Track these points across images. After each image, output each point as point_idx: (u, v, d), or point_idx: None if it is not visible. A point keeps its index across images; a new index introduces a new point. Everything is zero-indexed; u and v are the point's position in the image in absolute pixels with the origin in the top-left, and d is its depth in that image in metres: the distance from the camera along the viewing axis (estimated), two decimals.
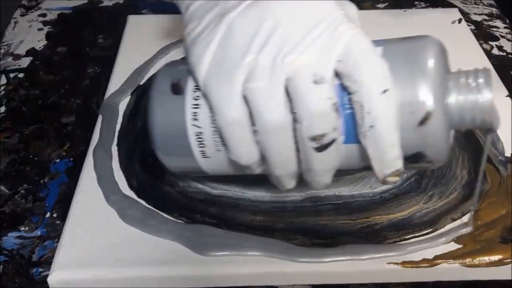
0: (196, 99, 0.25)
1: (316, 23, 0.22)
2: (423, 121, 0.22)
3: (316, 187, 0.25)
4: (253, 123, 0.23)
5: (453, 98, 0.23)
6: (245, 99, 0.22)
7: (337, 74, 0.22)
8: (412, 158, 0.23)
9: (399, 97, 0.22)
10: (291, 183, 0.25)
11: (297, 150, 0.23)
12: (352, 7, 0.25)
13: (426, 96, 0.22)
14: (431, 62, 0.23)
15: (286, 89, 0.22)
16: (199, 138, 0.25)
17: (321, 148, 0.22)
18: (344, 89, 0.23)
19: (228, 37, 0.23)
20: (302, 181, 0.25)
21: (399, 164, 0.23)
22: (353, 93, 0.22)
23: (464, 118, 0.23)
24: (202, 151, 0.25)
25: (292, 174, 0.24)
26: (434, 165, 0.24)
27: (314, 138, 0.22)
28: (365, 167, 0.24)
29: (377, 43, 0.24)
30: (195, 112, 0.25)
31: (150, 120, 0.26)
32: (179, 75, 0.25)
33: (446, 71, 0.24)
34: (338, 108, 0.22)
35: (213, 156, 0.25)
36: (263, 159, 0.24)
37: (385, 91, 0.22)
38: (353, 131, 0.23)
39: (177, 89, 0.25)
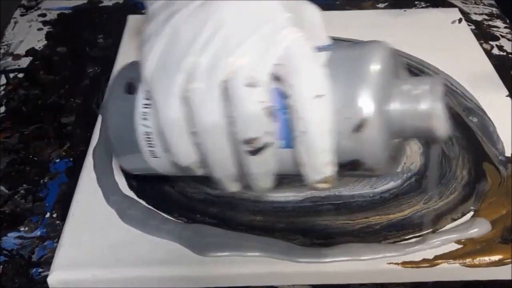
0: (147, 99, 0.24)
1: (259, 26, 0.22)
2: (359, 128, 0.22)
3: (257, 191, 0.25)
4: (192, 124, 0.23)
5: (394, 106, 0.23)
6: (186, 100, 0.22)
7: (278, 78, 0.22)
8: (349, 165, 0.23)
9: (338, 103, 0.22)
10: (233, 186, 0.25)
11: (236, 153, 0.23)
12: (312, 9, 0.25)
13: (362, 103, 0.22)
14: (372, 69, 0.22)
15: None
16: (148, 137, 0.25)
17: (254, 152, 0.22)
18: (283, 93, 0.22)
19: (174, 37, 0.23)
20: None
21: (329, 171, 0.22)
22: (288, 98, 0.22)
23: (404, 126, 0.23)
24: (151, 151, 0.25)
25: (232, 176, 0.24)
26: (374, 174, 0.24)
27: (247, 141, 0.22)
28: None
29: (326, 48, 0.24)
30: (145, 112, 0.25)
31: (105, 119, 0.26)
32: (135, 75, 0.25)
33: (392, 78, 0.23)
34: (272, 112, 0.22)
35: (162, 156, 0.25)
36: (203, 161, 0.24)
37: (319, 96, 0.21)
38: (291, 136, 0.22)
39: (131, 89, 0.25)
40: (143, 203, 0.32)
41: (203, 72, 0.22)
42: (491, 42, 0.46)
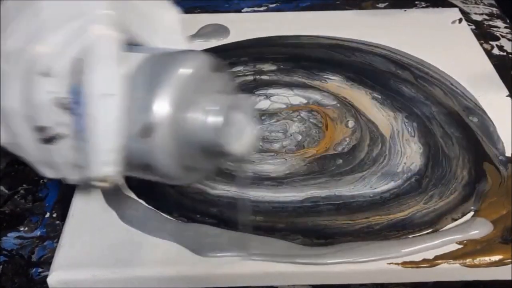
0: None
1: (73, 18, 0.22)
2: (148, 133, 0.22)
3: (69, 182, 0.25)
4: None
5: (189, 115, 0.23)
6: None
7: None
8: (143, 169, 0.23)
9: (132, 106, 0.22)
10: (47, 172, 0.25)
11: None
12: (168, 13, 0.26)
13: (154, 108, 0.22)
14: (172, 76, 0.22)
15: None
16: None
17: (46, 140, 0.23)
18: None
19: None
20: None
21: (109, 170, 0.22)
22: (81, 93, 0.22)
23: (195, 137, 0.23)
24: None
25: (41, 162, 0.24)
26: (172, 180, 0.24)
27: (39, 129, 0.22)
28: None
29: (145, 51, 0.24)
30: None
31: None
32: None
33: (201, 89, 0.23)
34: (64, 104, 0.22)
35: None
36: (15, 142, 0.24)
37: (108, 95, 0.21)
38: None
39: None
40: (143, 203, 0.32)
41: (11, 56, 0.22)
42: (491, 42, 0.46)
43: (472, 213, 0.31)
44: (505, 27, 0.48)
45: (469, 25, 0.47)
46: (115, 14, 0.23)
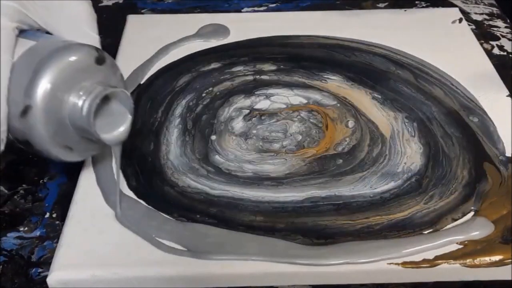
0: None
1: None
2: (24, 113, 0.24)
3: None
4: None
5: (67, 99, 0.25)
6: None
7: None
8: (24, 144, 0.26)
9: (15, 87, 0.24)
10: None
11: None
12: (78, 5, 0.27)
13: (31, 90, 0.24)
14: (54, 60, 0.24)
15: None
16: None
17: None
18: None
19: None
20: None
21: None
22: None
23: (66, 120, 0.25)
24: None
25: None
26: (50, 157, 0.26)
27: None
28: None
29: (40, 37, 0.26)
30: None
31: None
32: None
33: (85, 77, 0.26)
34: None
35: None
36: None
37: None
38: None
39: None
40: (143, 203, 0.32)
41: None
42: (491, 42, 0.46)
43: (472, 213, 0.31)
44: (505, 27, 0.48)
45: (469, 25, 0.47)
46: (15, 4, 0.24)
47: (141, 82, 0.41)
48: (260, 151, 0.36)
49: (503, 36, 0.47)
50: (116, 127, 0.28)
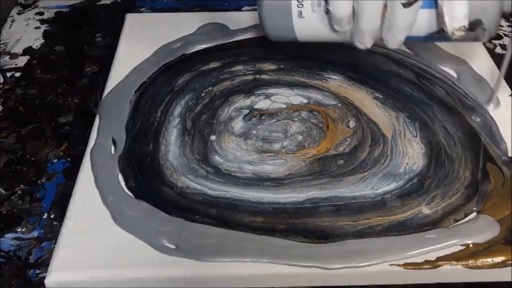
0: None
1: None
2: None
3: (392, 44, 0.31)
4: None
5: None
6: None
7: None
8: (472, 24, 0.29)
9: None
10: (371, 41, 0.32)
11: (385, 6, 0.29)
12: None
13: None
14: None
15: None
16: None
17: (407, 5, 0.28)
18: None
19: None
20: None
21: (465, 21, 0.29)
22: None
23: None
24: (299, 11, 0.32)
25: (375, 30, 0.31)
26: (484, 37, 0.30)
27: None
28: (429, 35, 0.31)
29: None
30: None
31: None
32: None
33: None
34: None
35: (307, 17, 0.32)
36: (355, 14, 0.30)
37: None
38: None
39: None
40: (142, 204, 0.32)
41: None
42: (494, 41, 0.46)
43: (475, 214, 0.31)
44: (508, 26, 0.48)
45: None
46: None
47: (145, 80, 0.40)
48: (260, 152, 0.35)
49: (506, 35, 0.47)
50: None
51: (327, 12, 0.31)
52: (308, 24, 0.33)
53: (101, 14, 0.51)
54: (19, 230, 0.32)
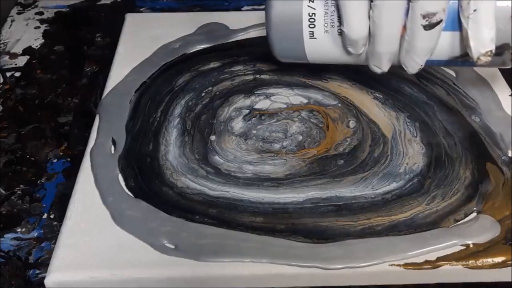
0: None
1: None
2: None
3: (411, 69, 0.29)
4: None
5: None
6: None
7: None
8: (499, 49, 0.28)
9: None
10: (388, 65, 0.30)
11: (404, 27, 0.27)
12: None
13: None
14: None
15: None
16: (311, 18, 0.30)
17: (429, 27, 0.26)
18: None
19: None
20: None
21: (492, 46, 0.27)
22: None
23: None
24: (311, 32, 0.30)
25: (392, 53, 0.29)
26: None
27: (425, 16, 0.26)
28: (452, 59, 0.29)
29: None
30: None
31: (268, 4, 0.31)
32: None
33: None
34: None
35: (319, 38, 0.30)
36: (371, 36, 0.28)
37: None
38: (451, 19, 0.27)
39: None
40: (142, 204, 0.32)
41: None
42: None
43: (475, 214, 0.31)
44: None
45: None
46: None
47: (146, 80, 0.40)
48: (260, 152, 0.35)
49: None
50: None
51: (341, 33, 0.29)
52: (320, 46, 0.31)
53: (101, 14, 0.51)
54: (19, 230, 0.32)
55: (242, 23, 0.45)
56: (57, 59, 0.45)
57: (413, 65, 0.29)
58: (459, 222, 0.31)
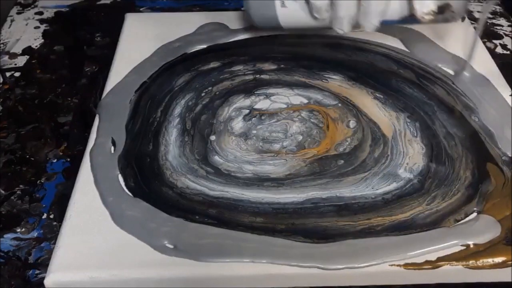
0: None
1: None
2: None
3: (368, 29, 0.34)
4: None
5: None
6: None
7: None
8: (440, 8, 0.32)
9: None
10: (348, 26, 0.35)
11: None
12: None
13: None
14: None
15: None
16: None
17: None
18: None
19: None
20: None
21: (433, 6, 0.32)
22: None
23: None
24: (282, 1, 0.36)
25: (352, 16, 0.34)
26: (454, 18, 0.33)
27: None
28: (402, 19, 0.34)
29: None
30: None
31: None
32: None
33: None
34: None
35: (289, 6, 0.36)
36: (333, 3, 0.33)
37: None
38: None
39: None
40: (141, 204, 0.32)
41: None
42: (494, 41, 0.46)
43: (475, 214, 0.31)
44: (509, 26, 0.48)
45: (472, 23, 0.47)
46: None
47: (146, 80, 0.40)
48: (260, 152, 0.35)
49: (506, 35, 0.47)
50: None
51: (307, 1, 0.34)
52: (291, 13, 0.36)
53: (101, 14, 0.51)
54: (19, 230, 0.32)
55: (242, 23, 0.45)
56: (57, 59, 0.45)
57: (369, 26, 0.34)
58: (459, 222, 0.31)
